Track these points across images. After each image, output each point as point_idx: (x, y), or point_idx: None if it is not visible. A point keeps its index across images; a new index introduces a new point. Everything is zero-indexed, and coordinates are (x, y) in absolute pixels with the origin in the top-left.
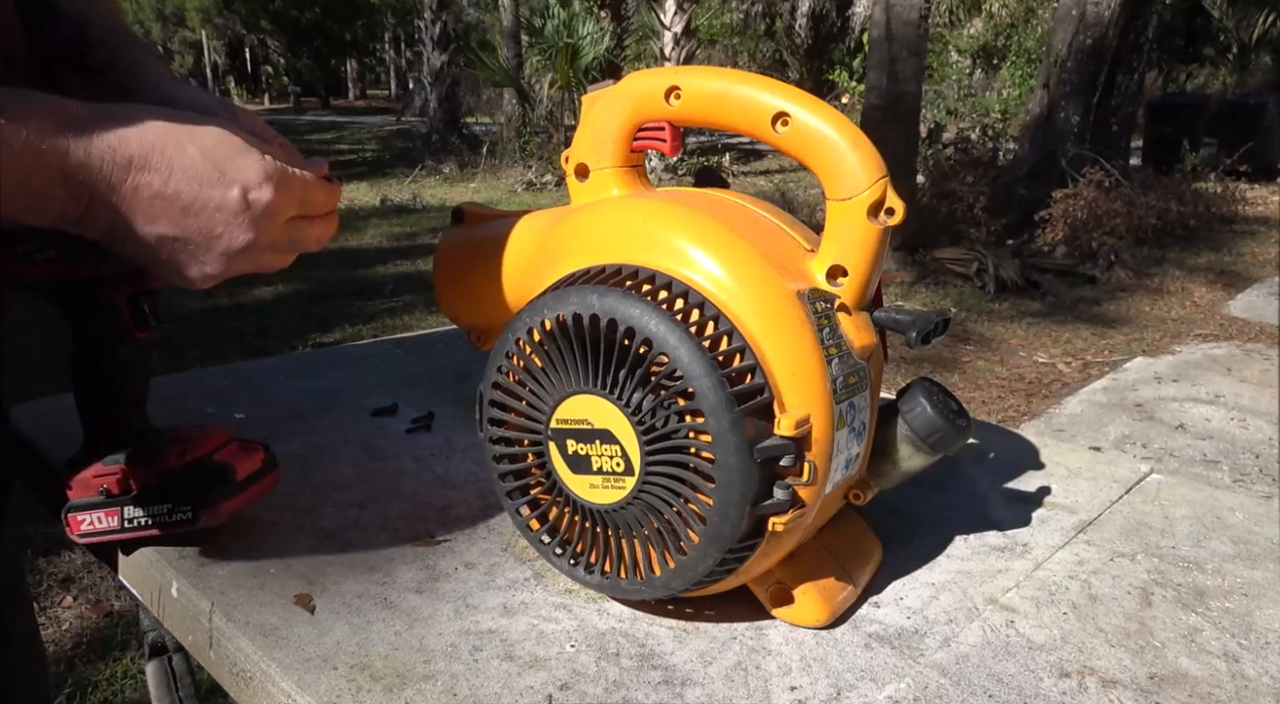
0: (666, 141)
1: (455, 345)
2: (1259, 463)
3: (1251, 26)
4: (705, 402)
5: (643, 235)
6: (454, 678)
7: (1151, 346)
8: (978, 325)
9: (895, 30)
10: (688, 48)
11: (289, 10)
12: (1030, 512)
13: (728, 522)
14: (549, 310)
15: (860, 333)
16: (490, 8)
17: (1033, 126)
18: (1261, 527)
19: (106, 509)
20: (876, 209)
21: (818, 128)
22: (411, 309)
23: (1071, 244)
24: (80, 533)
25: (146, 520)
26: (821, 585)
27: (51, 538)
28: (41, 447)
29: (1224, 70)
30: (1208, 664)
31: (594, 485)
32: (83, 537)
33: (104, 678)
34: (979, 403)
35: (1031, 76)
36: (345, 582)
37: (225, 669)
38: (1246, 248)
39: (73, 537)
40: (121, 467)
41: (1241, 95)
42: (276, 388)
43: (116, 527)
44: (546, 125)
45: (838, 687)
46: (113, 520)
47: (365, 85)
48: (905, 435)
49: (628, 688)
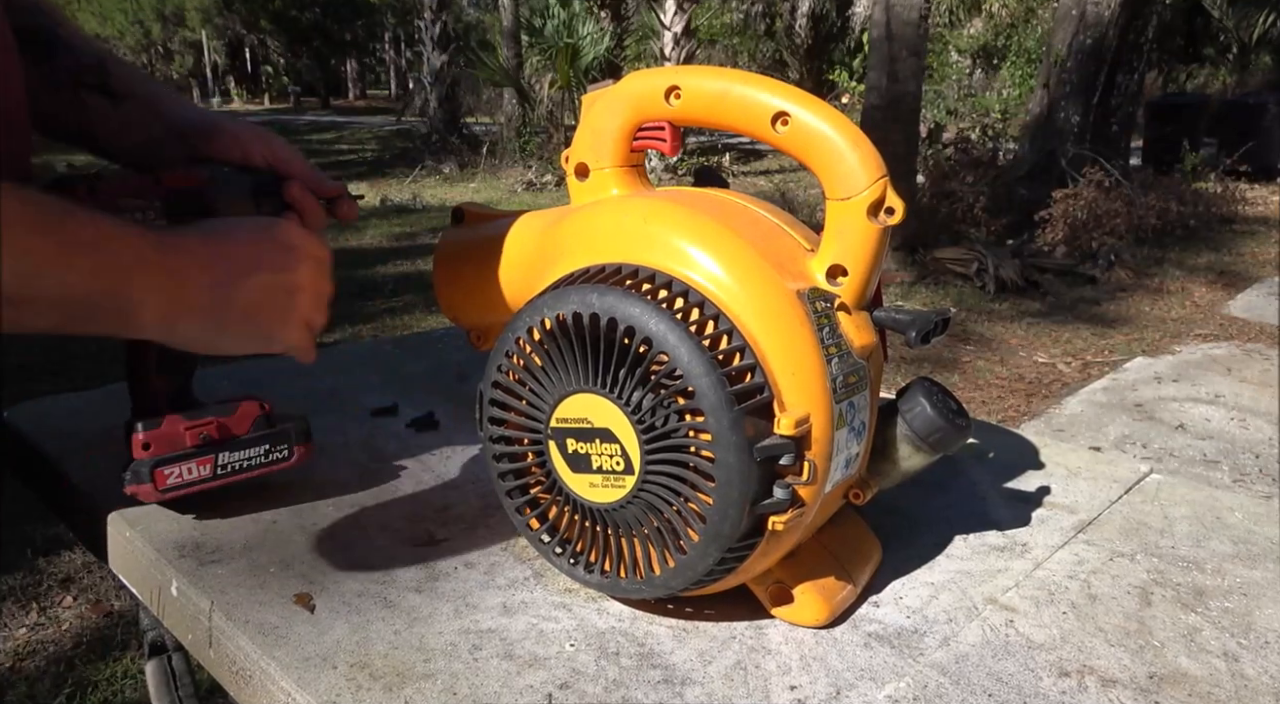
0: (666, 141)
1: (455, 345)
2: (1259, 463)
3: (1251, 26)
4: (705, 400)
5: (642, 235)
6: (454, 677)
7: (1151, 347)
8: (978, 325)
9: (895, 30)
10: (688, 48)
11: (289, 10)
12: (1030, 511)
13: (727, 521)
14: (549, 309)
15: (860, 332)
16: (490, 8)
17: (1033, 126)
18: (1261, 527)
19: (199, 459)
20: (876, 209)
21: (818, 127)
22: (411, 309)
23: (1071, 244)
24: (167, 486)
25: (244, 464)
26: (821, 585)
27: (51, 538)
28: (41, 447)
29: (1224, 70)
30: (1207, 664)
31: (594, 484)
32: (169, 490)
33: (104, 678)
34: (979, 403)
35: (1031, 76)
36: (345, 581)
37: (225, 668)
38: (1246, 248)
39: (155, 493)
40: (216, 417)
41: (1241, 95)
42: (276, 388)
43: (209, 474)
44: (546, 125)
45: (837, 686)
46: (205, 469)
47: (365, 85)
48: (905, 435)
49: (627, 687)
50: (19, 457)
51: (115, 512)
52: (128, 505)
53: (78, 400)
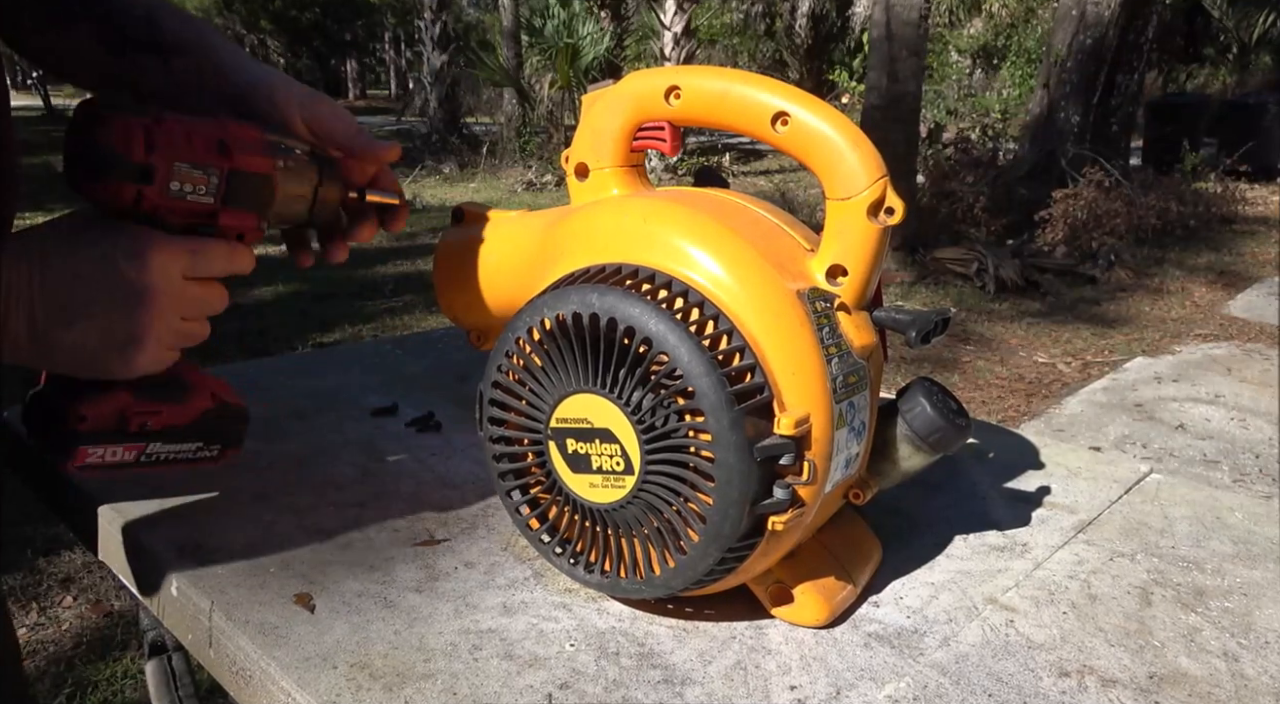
0: (667, 141)
1: (455, 345)
2: (1259, 463)
3: (1251, 26)
4: (705, 400)
5: (642, 235)
6: (454, 677)
7: (1151, 347)
8: (978, 325)
9: (895, 30)
10: (688, 48)
11: (289, 10)
12: (1030, 512)
13: (727, 521)
14: (549, 309)
15: (860, 332)
16: (490, 8)
17: (1033, 126)
18: (1261, 527)
19: (128, 445)
20: (876, 208)
21: (818, 127)
22: (411, 309)
23: (1071, 244)
24: (85, 464)
25: (169, 456)
26: (821, 585)
27: (51, 538)
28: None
29: (1224, 70)
30: (1207, 664)
31: (594, 484)
32: (84, 468)
33: (104, 678)
34: (979, 403)
35: (1031, 76)
36: (345, 581)
37: (225, 668)
38: (1246, 248)
39: (71, 468)
40: (162, 404)
41: (1241, 95)
42: (276, 388)
43: (132, 460)
44: (546, 125)
45: (837, 686)
46: (130, 454)
47: (365, 85)
48: (905, 435)
49: (627, 687)
50: (19, 457)
51: (106, 505)
52: (127, 504)
53: None
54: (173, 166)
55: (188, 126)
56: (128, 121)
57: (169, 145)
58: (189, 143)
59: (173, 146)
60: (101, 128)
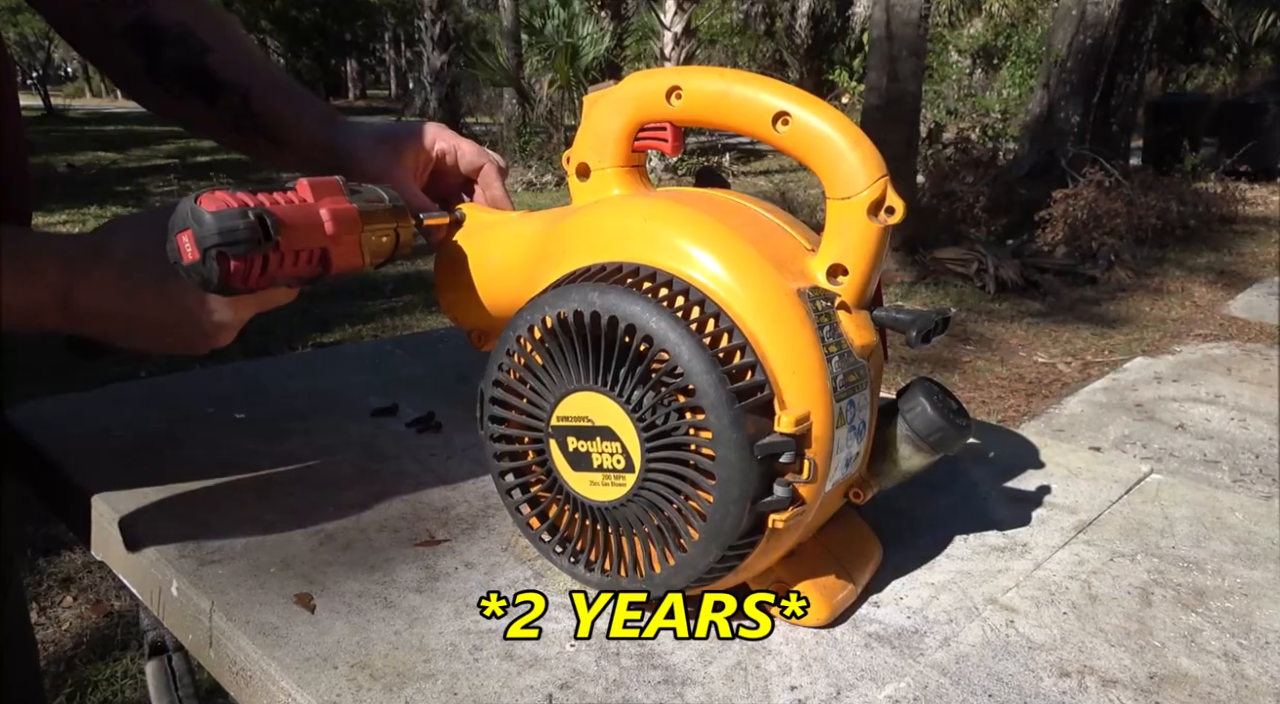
0: (668, 141)
1: (455, 345)
2: (1259, 463)
3: (1251, 26)
4: (705, 398)
5: (643, 234)
6: (454, 677)
7: (1151, 347)
8: (978, 325)
9: (895, 30)
10: (688, 48)
11: (289, 10)
12: (1030, 512)
13: (728, 519)
14: (550, 308)
15: (860, 331)
16: (490, 8)
17: (1033, 126)
18: (1261, 527)
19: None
20: (877, 208)
21: (818, 127)
22: (411, 309)
23: (1071, 244)
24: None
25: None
26: (821, 584)
27: (51, 538)
28: (41, 447)
29: (1224, 70)
30: (1208, 664)
31: (594, 483)
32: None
33: (104, 678)
34: (979, 403)
35: (1031, 76)
36: (345, 581)
37: (225, 668)
38: (1246, 248)
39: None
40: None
41: (1241, 95)
42: (276, 388)
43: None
44: (546, 125)
45: (838, 686)
46: None
47: (365, 85)
48: (905, 435)
49: (627, 687)
50: (19, 457)
51: (106, 505)
52: (126, 504)
53: (78, 400)
54: (275, 280)
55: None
56: (246, 260)
57: (278, 268)
58: (294, 262)
59: (280, 268)
60: (221, 265)
